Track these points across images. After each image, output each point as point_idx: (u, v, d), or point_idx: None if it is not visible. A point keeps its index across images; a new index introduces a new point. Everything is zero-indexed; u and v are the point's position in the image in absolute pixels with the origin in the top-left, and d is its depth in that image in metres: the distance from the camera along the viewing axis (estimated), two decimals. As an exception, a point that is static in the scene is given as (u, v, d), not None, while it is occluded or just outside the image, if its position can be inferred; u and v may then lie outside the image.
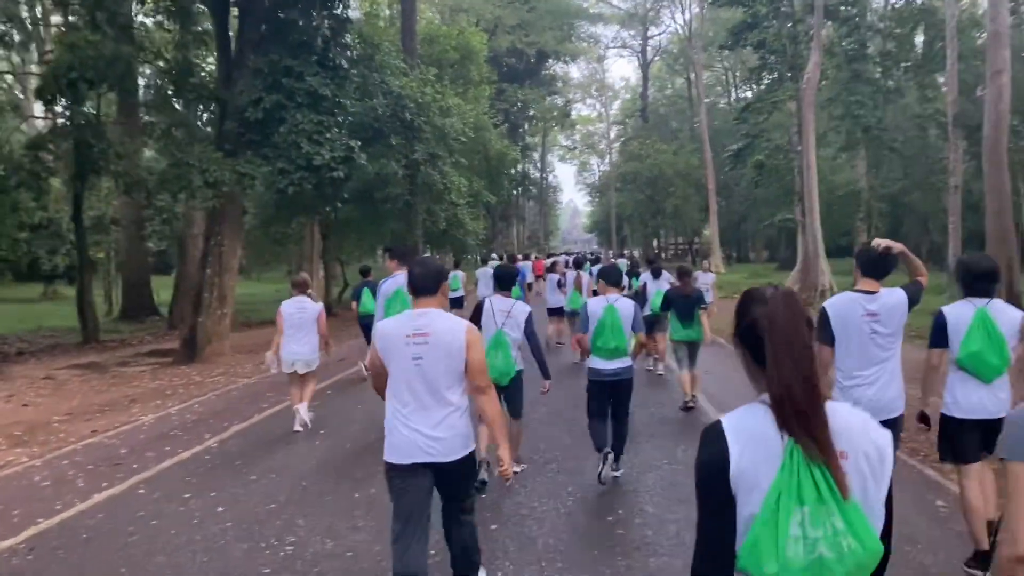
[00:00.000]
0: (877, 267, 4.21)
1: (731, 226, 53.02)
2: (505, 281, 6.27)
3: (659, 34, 57.27)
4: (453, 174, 24.77)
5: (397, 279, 7.17)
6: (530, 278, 21.98)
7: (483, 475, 5.91)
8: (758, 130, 35.95)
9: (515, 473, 6.06)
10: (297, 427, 8.21)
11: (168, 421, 9.22)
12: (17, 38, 25.98)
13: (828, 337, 4.18)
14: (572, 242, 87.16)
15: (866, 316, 4.12)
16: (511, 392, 6.17)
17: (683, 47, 52.60)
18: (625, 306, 6.04)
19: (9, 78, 31.16)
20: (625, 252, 46.34)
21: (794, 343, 1.63)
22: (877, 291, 4.17)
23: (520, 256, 26.55)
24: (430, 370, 3.49)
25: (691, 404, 9.01)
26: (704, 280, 15.60)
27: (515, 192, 53.66)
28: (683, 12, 50.56)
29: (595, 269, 15.73)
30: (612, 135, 65.27)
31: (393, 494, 3.60)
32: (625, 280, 11.23)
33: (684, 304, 8.99)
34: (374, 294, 8.23)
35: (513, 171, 38.58)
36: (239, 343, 18.17)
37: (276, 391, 10.80)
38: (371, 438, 7.84)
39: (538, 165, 60.48)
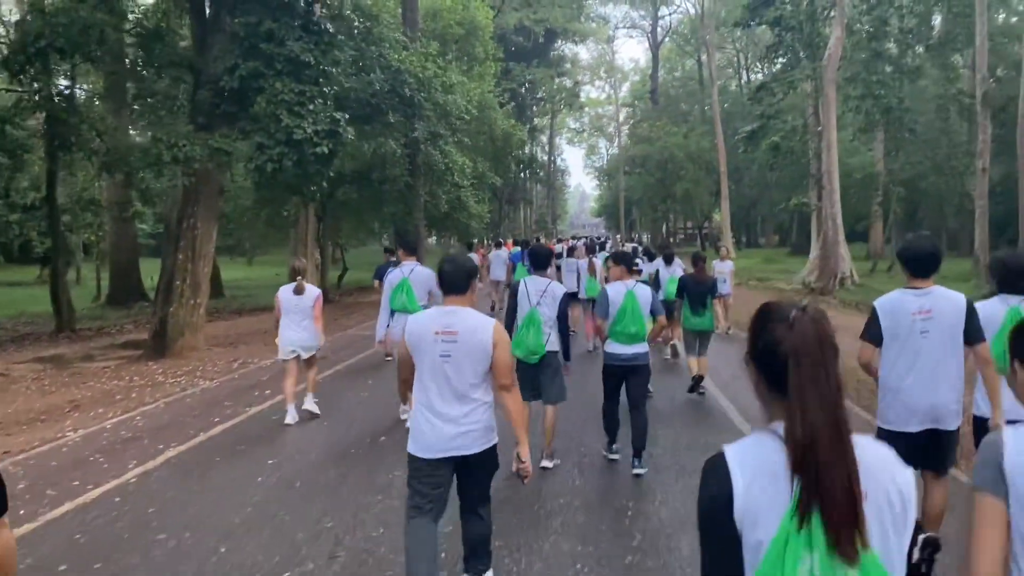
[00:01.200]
0: (923, 264, 3.84)
1: (741, 211, 50.97)
2: (540, 261, 6.20)
3: (670, 14, 54.98)
4: (455, 154, 22.91)
5: (403, 269, 7.09)
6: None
7: (547, 463, 6.00)
8: (773, 111, 33.93)
9: (546, 468, 5.99)
10: (288, 420, 7.60)
11: (97, 439, 7.52)
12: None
13: (875, 335, 3.91)
14: (580, 226, 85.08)
15: (918, 314, 3.79)
16: (544, 374, 5.98)
17: (695, 27, 50.34)
18: (644, 292, 5.99)
19: None
20: (634, 236, 44.42)
21: (822, 378, 1.42)
22: (929, 288, 3.83)
23: (533, 240, 25.29)
24: (457, 367, 3.49)
25: (700, 390, 8.95)
26: (722, 269, 13.91)
27: (523, 175, 51.66)
28: (695, -9, 48.35)
29: (601, 255, 14.92)
30: (621, 118, 63.14)
31: (412, 480, 3.63)
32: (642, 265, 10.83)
33: (697, 291, 8.69)
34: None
35: (520, 152, 36.59)
36: (223, 333, 16.53)
37: (235, 400, 9.10)
38: (328, 475, 6.11)
39: (546, 148, 58.39)
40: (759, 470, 1.45)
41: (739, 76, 58.14)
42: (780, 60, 34.53)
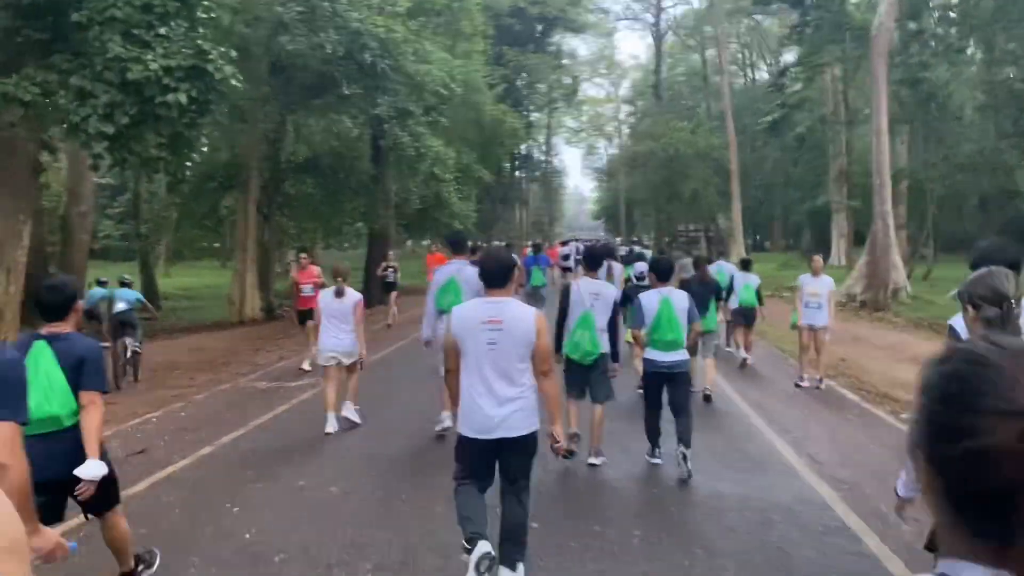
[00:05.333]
0: None
1: (748, 212, 45.47)
2: (593, 261, 6.07)
3: (673, 5, 49.36)
4: (429, 137, 17.50)
5: (449, 269, 6.54)
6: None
7: (572, 445, 5.44)
8: (796, 99, 28.70)
9: (594, 465, 5.59)
10: (328, 429, 6.58)
11: None
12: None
13: None
14: (578, 228, 79.50)
15: None
16: (595, 375, 5.69)
17: (699, 18, 44.88)
18: (680, 298, 5.69)
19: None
20: (634, 239, 38.98)
21: None
22: None
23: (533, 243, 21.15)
24: (502, 353, 3.52)
25: (708, 392, 7.82)
26: (815, 289, 8.49)
27: (517, 173, 46.11)
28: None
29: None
30: (622, 115, 57.39)
31: (461, 457, 3.68)
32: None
33: (701, 294, 7.53)
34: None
35: (513, 145, 31.01)
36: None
37: None
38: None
39: (543, 147, 52.85)
40: None
41: (744, 73, 52.61)
42: (803, 43, 29.22)
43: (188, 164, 10.14)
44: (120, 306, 9.75)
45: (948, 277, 27.16)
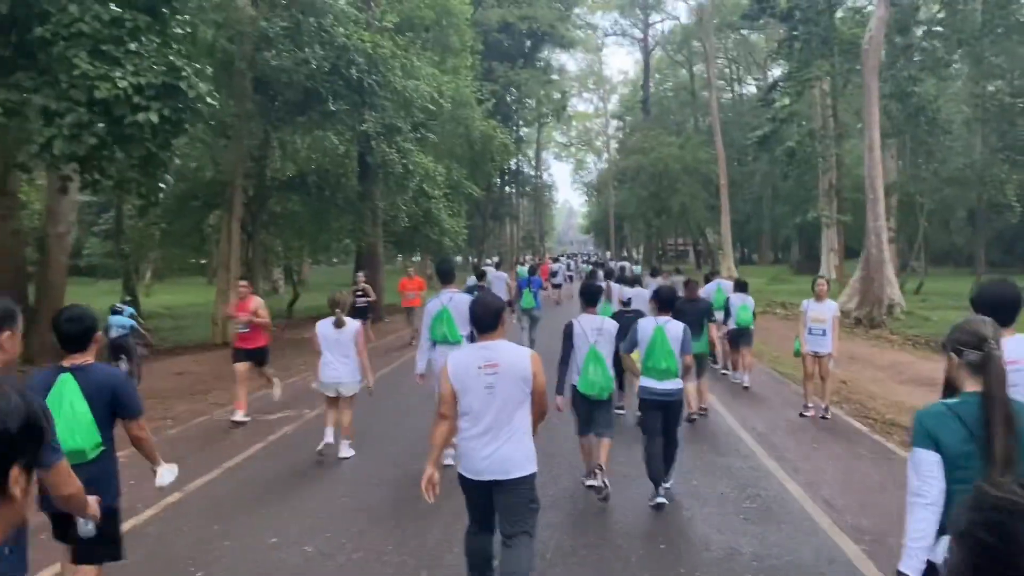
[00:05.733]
0: (1005, 312, 2.84)
1: (735, 226, 45.37)
2: (591, 297, 5.89)
3: (661, 21, 49.28)
4: (417, 154, 17.05)
5: (442, 298, 6.43)
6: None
7: (596, 482, 5.44)
8: (785, 114, 28.47)
9: (597, 487, 5.43)
10: (326, 440, 6.53)
11: None
12: None
13: None
14: (567, 243, 79.27)
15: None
16: (602, 411, 5.63)
17: (687, 34, 44.79)
18: (674, 328, 5.58)
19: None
20: (624, 255, 38.71)
21: None
22: (1012, 336, 2.91)
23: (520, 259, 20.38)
24: (501, 396, 3.50)
25: (694, 417, 7.82)
26: (818, 315, 8.10)
27: (507, 188, 45.74)
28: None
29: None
30: (611, 130, 57.28)
31: (467, 499, 3.68)
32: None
33: (693, 314, 7.65)
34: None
35: (503, 160, 30.53)
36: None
37: None
38: None
39: (532, 162, 52.52)
40: None
41: (732, 88, 52.60)
42: (792, 58, 29.07)
43: (162, 186, 9.62)
44: (115, 332, 9.80)
45: (939, 290, 26.98)
